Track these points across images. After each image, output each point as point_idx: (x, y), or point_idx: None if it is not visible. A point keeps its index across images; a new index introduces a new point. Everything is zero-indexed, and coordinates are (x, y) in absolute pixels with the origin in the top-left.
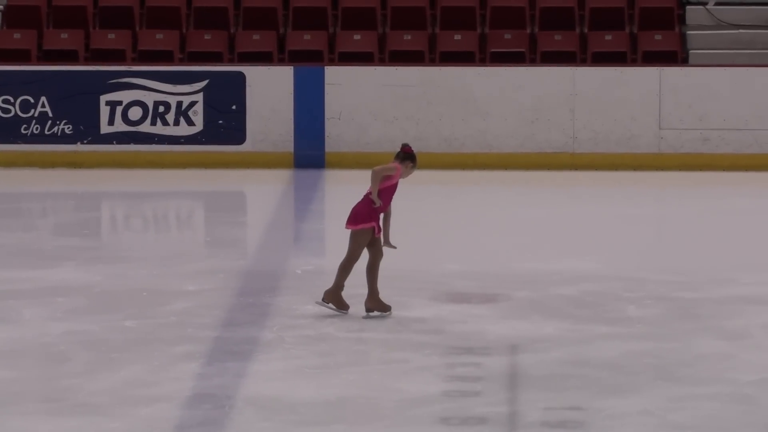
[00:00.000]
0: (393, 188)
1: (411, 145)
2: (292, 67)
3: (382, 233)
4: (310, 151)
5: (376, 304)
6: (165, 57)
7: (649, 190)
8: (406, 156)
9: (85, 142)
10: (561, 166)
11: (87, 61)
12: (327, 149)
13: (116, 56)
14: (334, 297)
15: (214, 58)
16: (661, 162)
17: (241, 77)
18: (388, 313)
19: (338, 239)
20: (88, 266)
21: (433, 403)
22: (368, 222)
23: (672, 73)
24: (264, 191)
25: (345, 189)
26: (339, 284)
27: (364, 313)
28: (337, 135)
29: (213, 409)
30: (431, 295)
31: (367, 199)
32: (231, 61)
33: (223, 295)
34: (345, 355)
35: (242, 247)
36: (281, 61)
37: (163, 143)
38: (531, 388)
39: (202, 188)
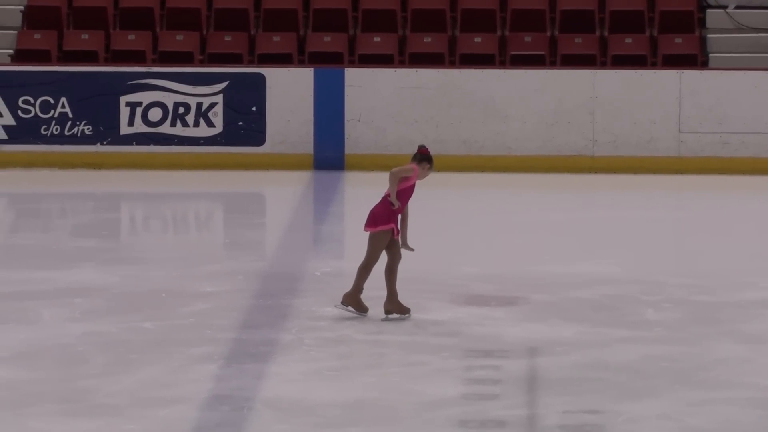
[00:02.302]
0: (410, 190)
1: (430, 147)
2: (312, 69)
3: (400, 235)
4: (329, 153)
5: (395, 307)
6: (185, 58)
7: (668, 194)
8: (423, 157)
9: (104, 143)
10: (580, 169)
11: (107, 62)
12: (346, 151)
13: (136, 57)
14: (353, 299)
15: (234, 59)
16: (680, 165)
17: (261, 79)
18: (407, 315)
19: (357, 241)
20: (106, 267)
21: (452, 406)
22: (387, 224)
23: (692, 77)
24: (283, 193)
25: (364, 191)
26: (358, 287)
27: (383, 316)
28: (356, 137)
29: (231, 410)
30: (449, 298)
31: (385, 201)
32: (251, 63)
33: (241, 297)
34: (363, 357)
35: (261, 248)
36: (301, 63)
37: (183, 144)
38: (549, 392)
39: (221, 190)
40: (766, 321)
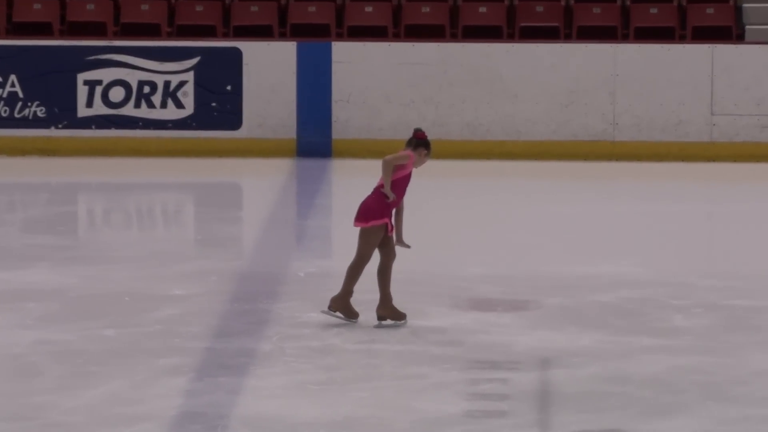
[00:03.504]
0: (406, 179)
1: (428, 131)
2: (294, 43)
3: (394, 231)
4: (314, 138)
5: (389, 312)
6: (151, 31)
7: (699, 184)
8: (419, 143)
9: (60, 126)
10: (599, 156)
11: (62, 35)
12: (334, 136)
13: (96, 30)
14: (342, 304)
15: (207, 32)
16: (712, 152)
17: (237, 54)
18: (402, 322)
19: (346, 238)
20: (62, 267)
21: (453, 424)
22: (380, 218)
23: (726, 52)
24: (262, 183)
25: (354, 181)
26: (347, 290)
27: (376, 322)
28: (345, 120)
29: (203, 429)
30: (451, 302)
31: (378, 193)
32: (226, 36)
33: (215, 301)
34: (353, 369)
35: (237, 246)
36: (282, 36)
37: (149, 128)
38: (564, 409)
39: (192, 179)
40: None
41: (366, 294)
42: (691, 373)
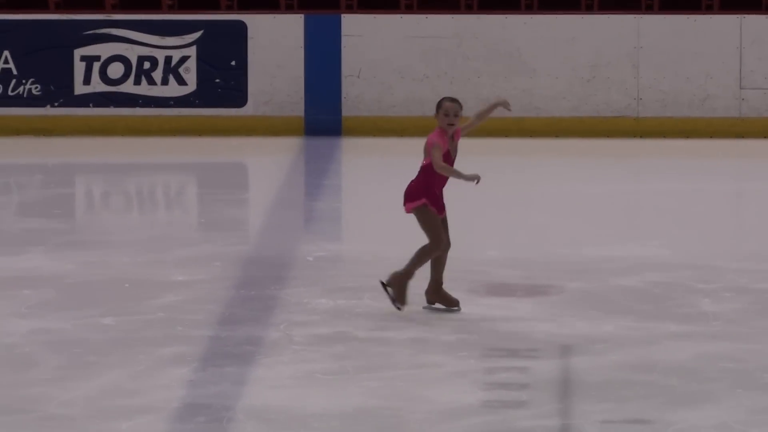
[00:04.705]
0: (447, 158)
1: None
2: (302, 15)
3: (445, 213)
4: (323, 116)
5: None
6: (151, 3)
7: (727, 162)
8: (438, 110)
9: (56, 104)
10: (623, 133)
11: (59, 8)
12: (344, 113)
13: (93, 3)
14: (437, 294)
15: (210, 4)
16: (742, 128)
17: (241, 27)
18: (455, 308)
19: (356, 220)
20: (59, 253)
21: (470, 415)
22: (417, 199)
23: (756, 22)
24: (269, 163)
25: (365, 160)
26: (436, 279)
27: (392, 307)
28: (355, 96)
29: (207, 422)
30: (468, 287)
31: (419, 174)
32: (230, 9)
33: (219, 287)
34: (365, 358)
35: (243, 229)
36: (289, 8)
37: (149, 106)
38: (586, 398)
39: (195, 159)
40: None
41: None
42: (719, 361)
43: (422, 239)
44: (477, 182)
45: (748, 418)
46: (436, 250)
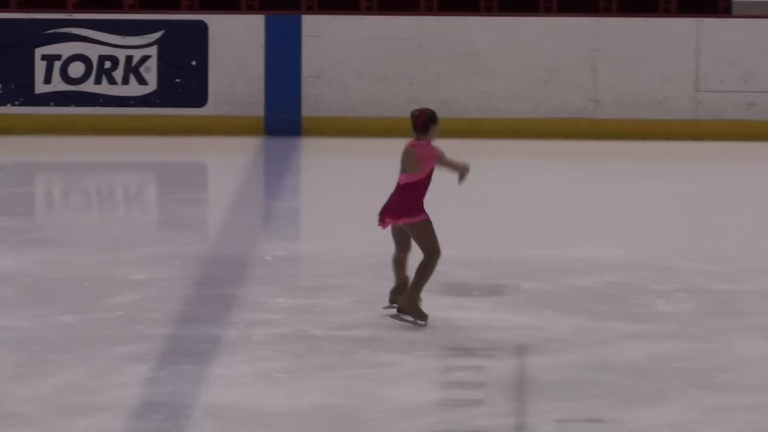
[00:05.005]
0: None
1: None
2: (263, 16)
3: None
4: (283, 116)
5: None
6: (112, 3)
7: (683, 163)
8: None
9: (16, 103)
10: (580, 135)
11: (20, 6)
12: (303, 113)
13: (54, 2)
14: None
15: (171, 4)
16: (697, 130)
17: (202, 27)
18: (422, 323)
19: (315, 219)
20: (19, 251)
21: (427, 413)
22: (422, 214)
23: (712, 25)
24: (229, 162)
25: (324, 160)
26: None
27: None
28: (315, 96)
29: (165, 420)
30: (425, 286)
31: (411, 191)
32: (191, 9)
33: (178, 286)
34: (322, 357)
35: (202, 228)
36: (250, 9)
37: (110, 105)
38: (541, 397)
39: (155, 159)
40: None
41: (339, 279)
42: (673, 360)
43: (377, 239)
44: (463, 177)
45: (701, 417)
46: (435, 261)
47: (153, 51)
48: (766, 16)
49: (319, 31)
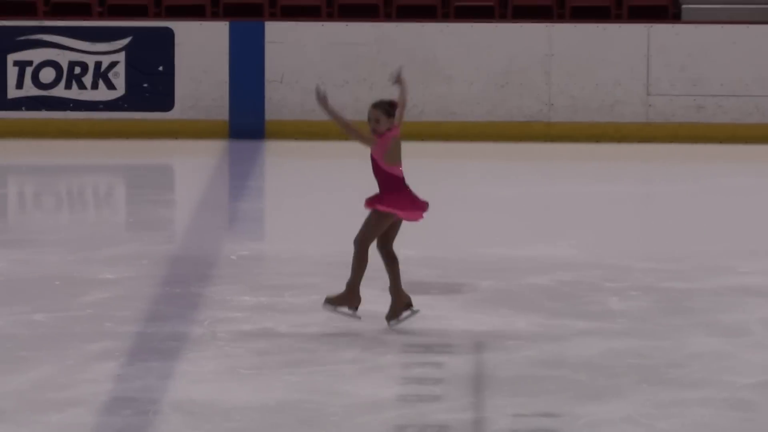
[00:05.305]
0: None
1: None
2: (227, 23)
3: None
4: (247, 119)
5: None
6: (82, 10)
7: (635, 165)
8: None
9: None
10: (534, 137)
11: None
12: (267, 117)
13: (25, 9)
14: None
15: (138, 12)
16: (649, 133)
17: (169, 34)
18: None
19: (279, 220)
20: None
21: (387, 408)
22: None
23: (662, 31)
24: (195, 165)
25: (287, 163)
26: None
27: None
28: (278, 101)
29: (134, 414)
30: (384, 285)
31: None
32: (157, 16)
33: (146, 285)
34: (286, 354)
35: (169, 229)
36: (215, 16)
37: (80, 109)
38: (498, 392)
39: (123, 161)
40: (745, 310)
41: (305, 277)
42: (626, 357)
43: (337, 239)
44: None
45: (652, 411)
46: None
47: (121, 57)
48: (714, 22)
49: (282, 38)
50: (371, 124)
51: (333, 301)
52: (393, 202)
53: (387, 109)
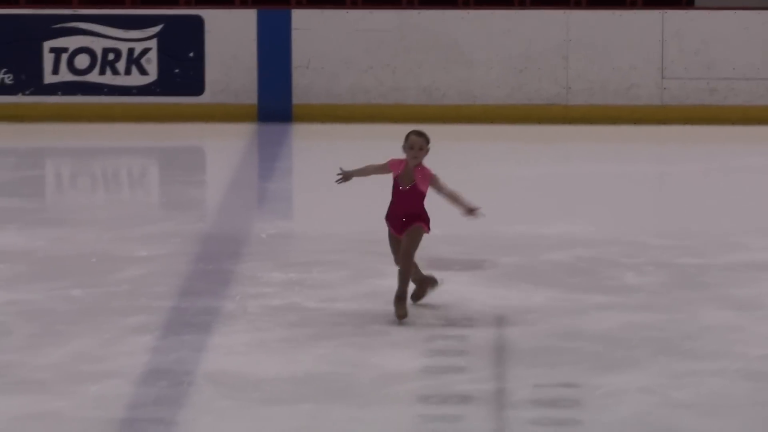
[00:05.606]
0: (395, 183)
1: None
2: (255, 11)
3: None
4: (275, 103)
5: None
6: None
7: (650, 146)
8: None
9: (27, 93)
10: (553, 120)
11: (28, 3)
12: (294, 101)
13: None
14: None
15: (170, 0)
16: (663, 115)
17: (199, 21)
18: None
19: (306, 200)
20: (30, 230)
21: (412, 379)
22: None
23: (676, 17)
24: (225, 147)
25: (314, 145)
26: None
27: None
28: (305, 85)
29: (169, 386)
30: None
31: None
32: (188, 4)
33: (179, 262)
34: (315, 327)
35: (201, 208)
36: (243, 4)
37: (114, 94)
38: (519, 364)
39: (156, 144)
40: (757, 285)
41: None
42: (642, 329)
43: (364, 218)
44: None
45: (668, 381)
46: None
47: (153, 44)
48: (726, 8)
49: (308, 25)
50: (415, 152)
51: (417, 295)
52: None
53: (427, 140)
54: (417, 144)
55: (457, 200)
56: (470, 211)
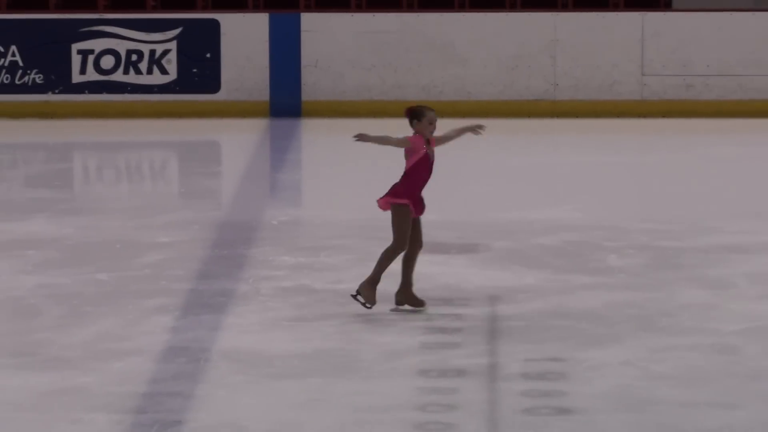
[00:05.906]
0: (426, 160)
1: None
2: (267, 14)
3: (420, 216)
4: (286, 100)
5: (408, 298)
6: (137, 4)
7: (631, 138)
8: (412, 116)
9: (56, 91)
10: (542, 114)
11: (58, 8)
12: (303, 98)
13: (88, 4)
14: (405, 295)
15: (188, 5)
16: (643, 109)
17: (215, 25)
18: (421, 308)
19: (315, 189)
20: (59, 218)
21: (412, 355)
22: (402, 198)
23: (655, 18)
24: (239, 141)
25: (322, 138)
26: (406, 281)
27: (392, 306)
28: (313, 83)
29: (187, 362)
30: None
31: (404, 178)
32: (205, 8)
33: (197, 247)
34: (322, 307)
35: (217, 197)
36: (256, 8)
37: (136, 92)
38: (511, 340)
39: (175, 138)
40: (730, 266)
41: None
42: (623, 308)
43: (365, 204)
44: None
45: (648, 356)
46: (398, 251)
47: (173, 45)
48: (702, 9)
49: (316, 27)
50: (433, 126)
51: (401, 301)
52: None
53: None
54: (435, 119)
55: (461, 132)
56: (475, 129)
